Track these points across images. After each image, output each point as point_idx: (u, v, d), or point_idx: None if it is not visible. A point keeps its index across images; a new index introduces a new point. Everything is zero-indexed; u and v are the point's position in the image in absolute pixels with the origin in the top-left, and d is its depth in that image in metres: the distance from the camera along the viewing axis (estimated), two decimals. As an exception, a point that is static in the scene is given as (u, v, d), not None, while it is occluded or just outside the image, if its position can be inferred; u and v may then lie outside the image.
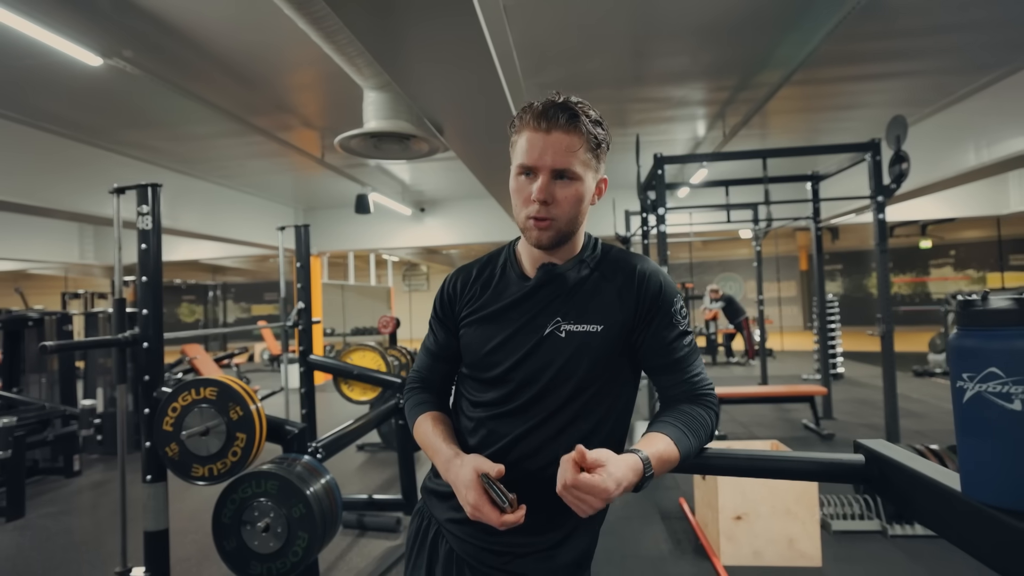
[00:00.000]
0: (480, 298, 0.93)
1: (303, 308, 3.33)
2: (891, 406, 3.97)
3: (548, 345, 0.87)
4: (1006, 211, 8.29)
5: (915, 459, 0.69)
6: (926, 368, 7.78)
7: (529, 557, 0.88)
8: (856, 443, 0.80)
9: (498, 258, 0.97)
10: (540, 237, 0.85)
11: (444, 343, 0.98)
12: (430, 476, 1.00)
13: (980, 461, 0.56)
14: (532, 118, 0.83)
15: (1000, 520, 0.53)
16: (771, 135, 6.09)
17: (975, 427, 0.56)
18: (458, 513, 0.90)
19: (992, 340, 0.54)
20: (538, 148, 0.82)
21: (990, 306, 0.55)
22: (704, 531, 2.82)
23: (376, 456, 4.67)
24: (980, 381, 0.54)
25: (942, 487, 0.61)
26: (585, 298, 0.88)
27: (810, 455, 0.81)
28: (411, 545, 0.99)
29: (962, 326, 0.57)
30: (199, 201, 7.05)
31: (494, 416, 0.89)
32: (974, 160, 4.96)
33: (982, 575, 2.02)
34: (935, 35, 3.72)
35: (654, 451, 0.78)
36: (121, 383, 2.35)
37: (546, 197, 0.82)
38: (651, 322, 0.87)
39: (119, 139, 5.36)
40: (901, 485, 0.69)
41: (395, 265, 17.12)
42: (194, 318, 16.51)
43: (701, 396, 0.87)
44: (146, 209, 2.19)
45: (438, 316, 0.99)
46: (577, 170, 0.83)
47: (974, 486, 0.57)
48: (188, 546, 2.97)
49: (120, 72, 3.67)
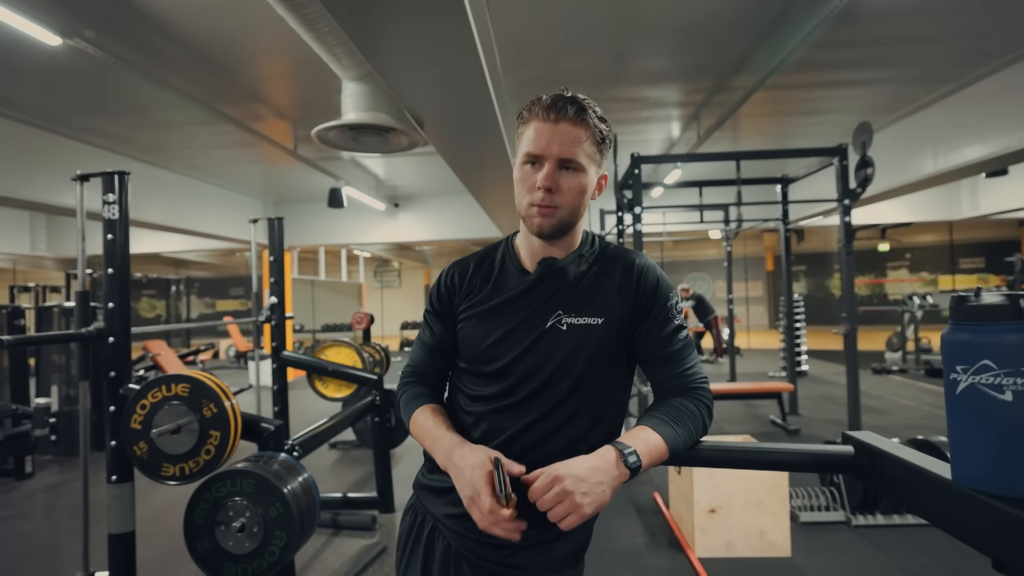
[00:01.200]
0: (479, 292, 0.93)
1: (276, 303, 3.26)
2: (854, 402, 4.12)
3: (549, 338, 0.87)
4: (958, 217, 8.70)
5: (904, 449, 0.72)
6: (884, 366, 8.09)
7: (528, 550, 0.88)
8: (844, 435, 0.83)
9: (495, 252, 0.97)
10: (542, 224, 0.86)
11: (441, 337, 0.97)
12: (423, 472, 0.99)
13: (971, 450, 0.58)
14: (541, 109, 0.84)
15: (991, 505, 0.56)
16: (742, 138, 6.24)
17: (967, 417, 0.58)
18: (456, 508, 0.89)
19: (985, 334, 0.56)
20: (545, 137, 0.83)
21: (983, 302, 0.57)
22: (679, 524, 2.87)
23: (349, 454, 4.60)
24: (973, 373, 0.56)
25: (932, 475, 0.64)
26: (585, 292, 0.89)
27: (802, 447, 0.83)
28: (404, 542, 0.98)
29: (956, 321, 0.59)
30: (163, 192, 6.81)
31: (495, 410, 0.89)
32: (932, 167, 5.18)
33: (935, 560, 2.13)
34: (899, 46, 3.87)
35: (637, 440, 0.80)
36: (84, 380, 2.25)
37: (551, 184, 0.84)
38: (648, 316, 0.89)
39: (78, 125, 5.13)
40: (891, 474, 0.72)
41: (367, 261, 16.90)
42: (155, 313, 15.96)
43: (693, 389, 0.89)
44: (113, 198, 2.09)
45: (435, 310, 0.98)
46: (582, 161, 0.84)
47: (965, 473, 0.59)
48: (153, 548, 2.87)
49: (81, 53, 3.51)
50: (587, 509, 0.73)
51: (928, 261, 14.88)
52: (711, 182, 5.17)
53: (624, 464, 0.76)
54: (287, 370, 3.26)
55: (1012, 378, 0.55)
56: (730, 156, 4.47)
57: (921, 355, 8.29)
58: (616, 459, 0.77)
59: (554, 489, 0.73)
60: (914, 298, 8.05)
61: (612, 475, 0.76)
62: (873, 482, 0.75)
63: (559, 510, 0.73)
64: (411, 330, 14.21)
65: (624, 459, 0.76)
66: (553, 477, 0.74)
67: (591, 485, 0.74)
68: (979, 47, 3.94)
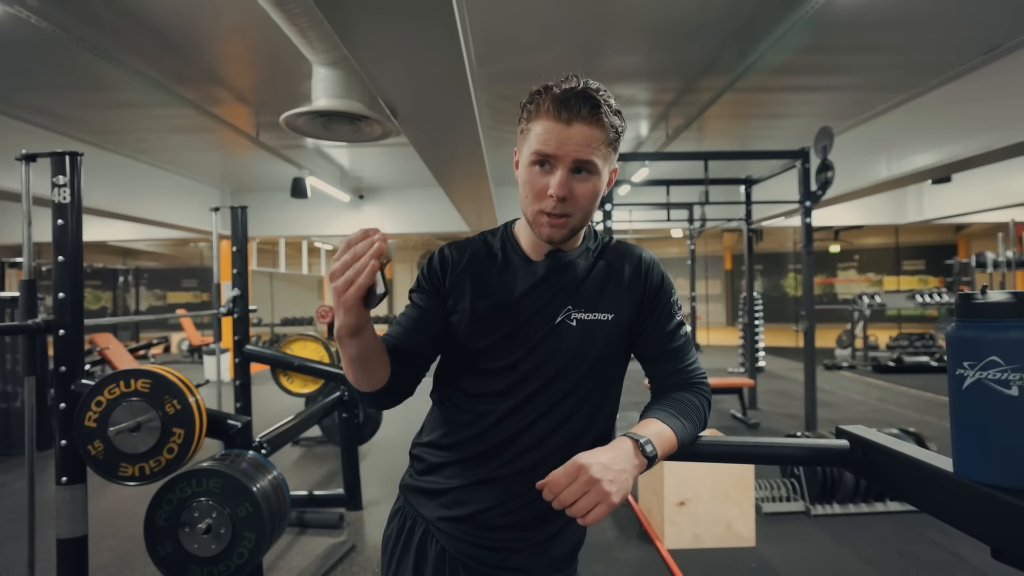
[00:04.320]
0: (482, 281, 0.86)
1: (239, 295, 3.13)
2: (811, 397, 4.29)
3: (558, 334, 0.84)
4: (904, 220, 9.16)
5: (900, 443, 0.74)
6: (835, 362, 8.46)
7: (526, 551, 0.87)
8: (838, 429, 0.84)
9: (493, 240, 0.91)
10: (552, 234, 0.81)
11: (427, 311, 0.87)
12: (412, 474, 0.94)
13: (976, 443, 0.60)
14: (552, 105, 0.77)
15: (995, 497, 0.57)
16: (707, 139, 6.38)
17: (973, 412, 0.60)
18: (450, 511, 0.87)
19: (992, 331, 0.58)
20: (557, 139, 0.77)
21: (990, 299, 0.58)
22: (648, 517, 2.92)
23: (313, 451, 4.49)
24: (981, 369, 0.58)
25: (933, 468, 0.65)
26: (595, 287, 0.87)
27: (797, 441, 0.85)
28: (391, 548, 0.93)
29: (962, 318, 0.61)
30: (111, 176, 6.43)
31: (496, 408, 0.85)
32: (886, 172, 5.42)
33: (888, 546, 2.23)
34: (861, 54, 4.02)
35: (650, 431, 0.77)
36: (30, 375, 2.10)
37: (565, 193, 0.77)
38: (653, 311, 0.88)
39: (16, 102, 4.77)
40: (887, 467, 0.74)
41: (328, 254, 16.50)
42: (100, 305, 15.17)
43: (695, 384, 0.89)
44: (63, 180, 1.96)
45: (422, 288, 0.89)
46: (597, 163, 0.78)
47: (968, 466, 0.61)
48: (104, 552, 2.72)
49: (22, 23, 3.25)
50: (615, 498, 0.69)
51: (875, 262, 15.63)
52: (679, 181, 5.27)
53: (642, 453, 0.74)
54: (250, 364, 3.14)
55: (1019, 373, 0.56)
56: (699, 156, 4.56)
57: (869, 352, 8.70)
58: (633, 448, 0.74)
59: (580, 479, 0.68)
60: (864, 297, 8.43)
61: (633, 463, 0.73)
62: (868, 475, 0.77)
63: (585, 501, 0.68)
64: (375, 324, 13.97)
65: (641, 448, 0.74)
66: (578, 467, 0.69)
67: (616, 472, 0.70)
68: (935, 58, 4.12)
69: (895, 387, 6.76)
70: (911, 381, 7.03)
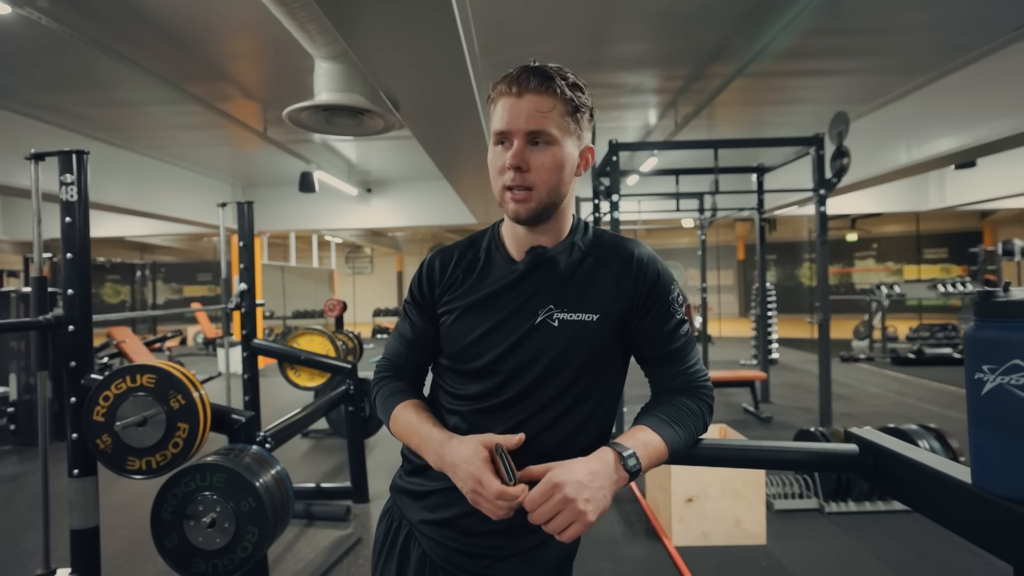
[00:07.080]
0: (463, 284, 0.86)
1: (246, 289, 3.14)
2: (825, 390, 4.21)
3: (539, 334, 0.81)
4: (925, 207, 8.93)
5: (914, 449, 0.69)
6: (851, 354, 8.31)
7: (511, 560, 0.83)
8: (847, 432, 0.80)
9: (481, 241, 0.90)
10: (518, 210, 0.79)
11: (421, 330, 0.90)
12: (401, 474, 0.93)
13: (997, 453, 0.56)
14: (505, 84, 0.79)
15: (1017, 512, 0.53)
16: (718, 126, 6.25)
17: (994, 419, 0.55)
18: (433, 514, 0.84)
19: (1015, 332, 0.53)
20: (510, 113, 0.78)
21: (1013, 297, 0.54)
22: (656, 513, 2.89)
23: (322, 443, 4.51)
24: (1003, 373, 0.54)
25: (949, 478, 0.61)
26: (580, 285, 0.82)
27: (802, 446, 0.81)
28: (379, 548, 0.92)
29: (981, 317, 0.56)
30: (125, 173, 6.50)
31: (479, 411, 0.82)
32: (905, 158, 5.27)
33: (907, 546, 2.17)
34: (880, 34, 3.89)
35: (636, 441, 0.75)
36: (42, 370, 2.13)
37: (520, 163, 0.77)
38: (649, 311, 0.83)
39: (31, 101, 4.83)
40: (900, 475, 0.69)
41: (338, 247, 16.57)
42: (119, 299, 15.41)
43: (696, 388, 0.84)
44: (70, 178, 1.96)
45: (415, 300, 0.91)
46: (553, 132, 0.77)
47: (987, 477, 0.57)
48: (119, 542, 2.76)
49: (34, 24, 3.28)
50: (591, 516, 0.68)
51: (894, 251, 15.31)
52: (688, 170, 5.17)
53: (623, 467, 0.72)
54: (258, 358, 3.15)
55: (1044, 379, 0.52)
56: (709, 144, 4.47)
57: (887, 343, 8.54)
58: (615, 462, 0.72)
59: (555, 497, 0.67)
60: (882, 287, 8.26)
61: (612, 479, 0.71)
62: (879, 483, 0.73)
63: (560, 520, 0.67)
64: (383, 317, 14.04)
65: (623, 462, 0.72)
66: (553, 485, 0.68)
67: (593, 490, 0.68)
68: (958, 37, 3.97)
69: (915, 380, 6.60)
70: (932, 374, 6.82)
